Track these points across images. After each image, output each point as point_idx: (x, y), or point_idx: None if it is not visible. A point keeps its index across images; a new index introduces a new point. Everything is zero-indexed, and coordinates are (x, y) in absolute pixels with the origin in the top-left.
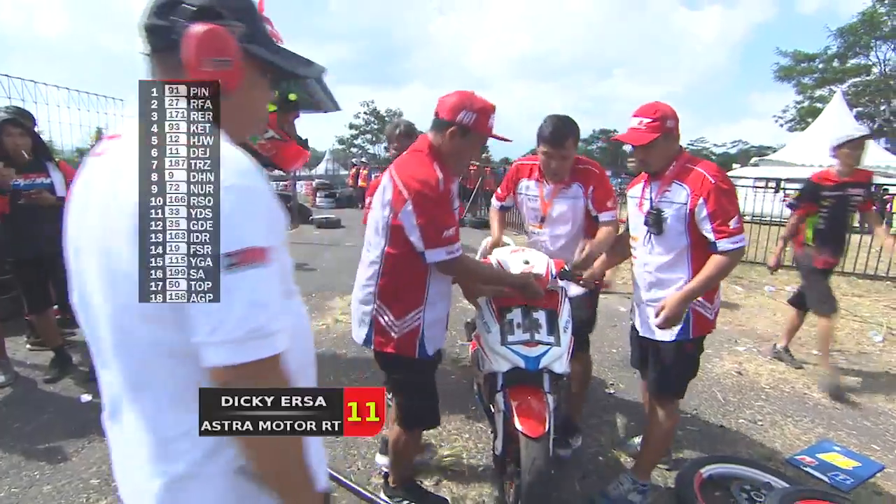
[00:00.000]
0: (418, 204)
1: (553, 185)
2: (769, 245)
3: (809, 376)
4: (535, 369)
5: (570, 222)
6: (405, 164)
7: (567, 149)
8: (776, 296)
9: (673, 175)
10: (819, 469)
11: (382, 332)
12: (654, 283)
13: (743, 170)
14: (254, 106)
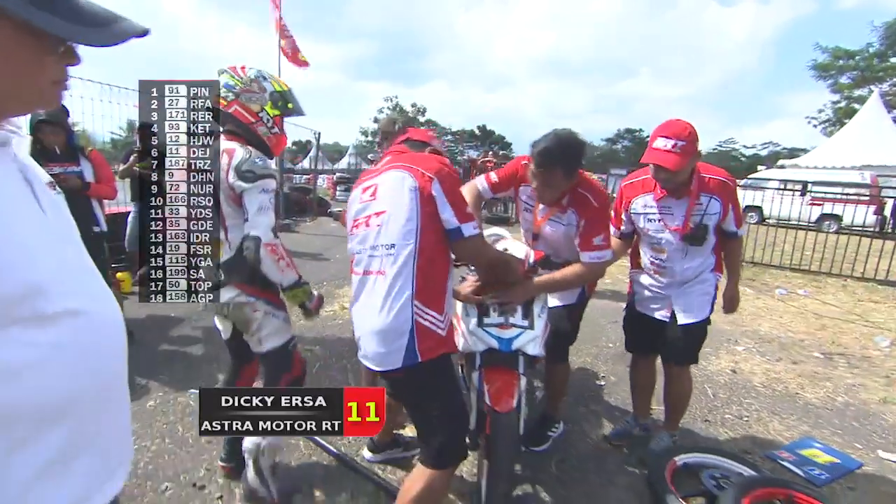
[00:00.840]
0: (445, 181)
1: (548, 206)
2: (792, 249)
3: (805, 377)
4: (509, 350)
5: (561, 249)
6: (409, 157)
7: (552, 177)
8: (787, 299)
9: (697, 188)
10: (796, 464)
11: (428, 335)
12: (690, 279)
13: (769, 172)
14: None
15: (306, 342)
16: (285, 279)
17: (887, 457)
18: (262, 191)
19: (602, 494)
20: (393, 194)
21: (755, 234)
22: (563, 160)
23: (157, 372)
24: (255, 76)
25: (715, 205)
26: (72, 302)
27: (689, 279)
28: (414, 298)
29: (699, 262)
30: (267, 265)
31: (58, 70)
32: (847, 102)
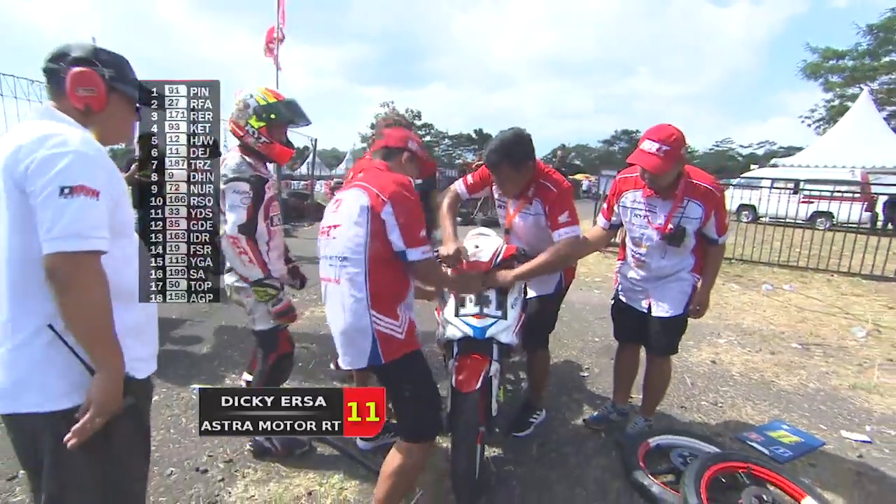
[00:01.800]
0: (397, 203)
1: (518, 199)
2: (781, 247)
3: (781, 366)
4: (482, 338)
5: (532, 239)
6: (374, 175)
7: (501, 172)
8: (772, 294)
9: (682, 192)
10: (763, 444)
11: (388, 339)
12: (668, 276)
13: (762, 171)
14: (118, 121)
15: (304, 340)
16: (249, 274)
17: (849, 436)
18: (234, 192)
19: (579, 474)
20: (349, 211)
21: (746, 231)
22: (508, 156)
23: (161, 370)
24: (244, 96)
25: (696, 209)
26: (134, 233)
27: (666, 276)
28: (370, 308)
29: (675, 262)
30: (228, 256)
31: (133, 122)
32: (840, 101)
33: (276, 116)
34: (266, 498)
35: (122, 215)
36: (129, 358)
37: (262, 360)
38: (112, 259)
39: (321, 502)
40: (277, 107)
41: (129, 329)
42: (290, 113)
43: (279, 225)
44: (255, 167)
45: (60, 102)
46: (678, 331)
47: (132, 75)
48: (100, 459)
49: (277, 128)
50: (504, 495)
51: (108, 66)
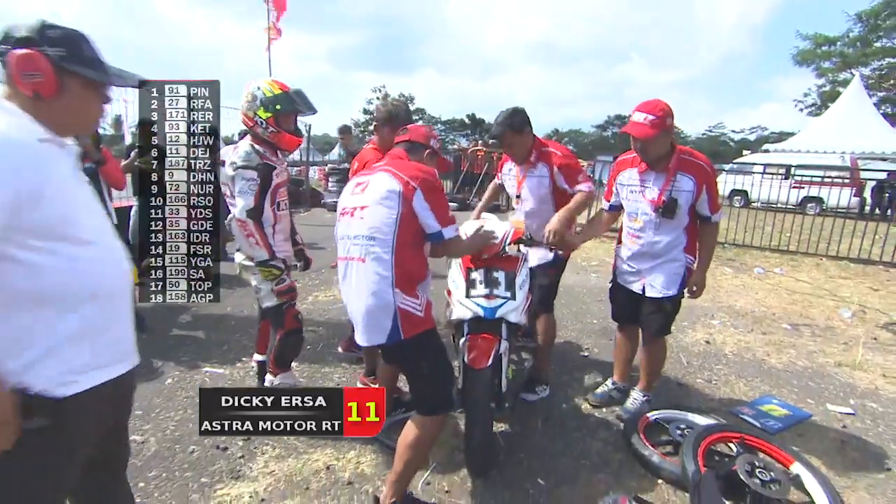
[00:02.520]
0: (428, 190)
1: (524, 166)
2: (773, 231)
3: (773, 346)
4: (492, 318)
5: (537, 197)
6: (400, 164)
7: (506, 138)
8: (763, 277)
9: (675, 167)
10: (754, 417)
11: (409, 317)
12: (661, 254)
13: (754, 156)
14: (77, 107)
15: (311, 323)
16: (255, 254)
17: (834, 409)
18: (242, 178)
19: (583, 447)
20: (378, 193)
21: (738, 216)
22: (510, 125)
23: (171, 355)
24: (252, 89)
25: (688, 183)
26: (90, 235)
27: (660, 254)
28: (394, 286)
29: (670, 238)
30: (238, 238)
31: (100, 106)
32: (832, 86)
33: (282, 107)
34: (286, 472)
35: (44, 214)
36: (60, 371)
37: (273, 337)
38: (28, 265)
39: (339, 475)
40: (283, 98)
41: (67, 338)
42: (295, 103)
43: (286, 210)
44: (264, 156)
45: (13, 89)
46: (671, 311)
47: (90, 53)
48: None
49: (284, 117)
50: (512, 467)
51: (56, 45)
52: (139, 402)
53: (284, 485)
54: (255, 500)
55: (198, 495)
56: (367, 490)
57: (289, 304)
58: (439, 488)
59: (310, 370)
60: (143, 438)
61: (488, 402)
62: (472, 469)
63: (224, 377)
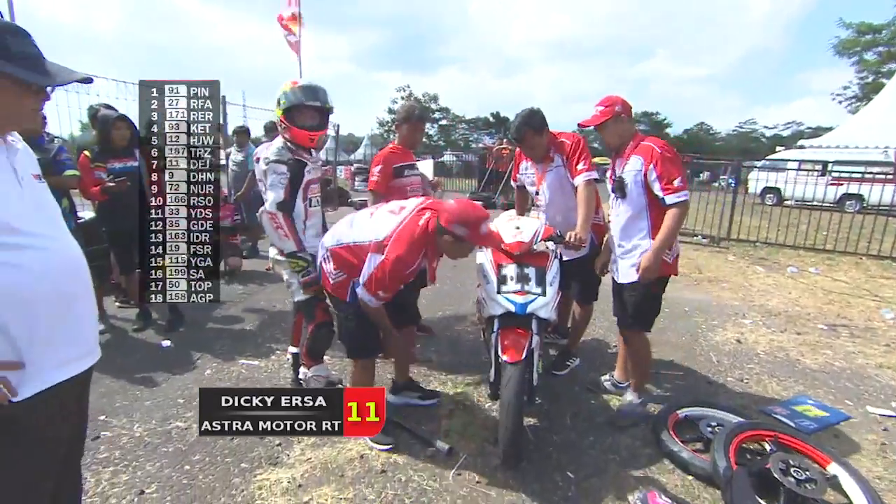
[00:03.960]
0: (382, 266)
1: (542, 163)
2: (808, 230)
3: (807, 346)
4: (524, 313)
5: (558, 189)
6: (405, 234)
7: (528, 139)
8: (797, 276)
9: (630, 150)
10: (788, 417)
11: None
12: (622, 237)
13: (788, 152)
14: (2, 106)
15: None
16: (284, 246)
17: (875, 411)
18: (273, 172)
19: (611, 441)
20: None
21: (770, 214)
22: (528, 125)
23: (209, 347)
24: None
25: (637, 162)
26: (34, 241)
27: (624, 238)
28: None
29: (628, 218)
30: (267, 230)
31: (35, 102)
32: (875, 77)
33: (286, 101)
34: (322, 460)
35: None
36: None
37: (305, 330)
38: None
39: (372, 464)
40: (288, 94)
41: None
42: (297, 96)
43: (317, 206)
44: (296, 152)
45: None
46: (638, 300)
47: (20, 48)
48: None
49: (297, 113)
50: (542, 460)
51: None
52: (180, 391)
53: (321, 472)
54: (293, 486)
55: (239, 479)
56: (399, 478)
57: (318, 297)
58: (470, 479)
59: (342, 363)
60: (186, 425)
61: (521, 396)
62: (505, 461)
63: (259, 369)
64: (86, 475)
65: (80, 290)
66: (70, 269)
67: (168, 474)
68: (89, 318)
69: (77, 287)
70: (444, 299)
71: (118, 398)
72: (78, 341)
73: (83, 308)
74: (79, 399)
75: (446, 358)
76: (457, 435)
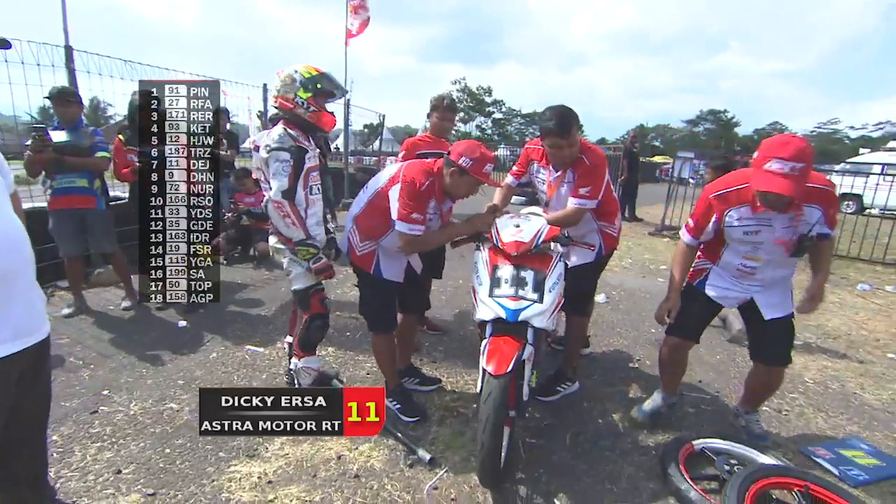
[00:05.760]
0: (402, 191)
1: (559, 171)
2: (889, 242)
3: (870, 377)
4: (515, 321)
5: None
6: (413, 165)
7: (573, 136)
8: (869, 295)
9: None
10: (832, 462)
11: (350, 247)
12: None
13: (874, 155)
14: None
15: (351, 310)
16: (292, 234)
17: None
18: (276, 160)
19: (612, 470)
20: (385, 173)
21: (844, 224)
22: (573, 119)
23: (221, 330)
24: (289, 73)
25: (813, 214)
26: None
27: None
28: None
29: (790, 270)
30: (274, 219)
31: None
32: None
33: (323, 86)
34: (298, 457)
35: None
36: None
37: (300, 320)
38: None
39: (348, 467)
40: (321, 78)
41: None
42: (331, 83)
43: (318, 194)
44: (297, 139)
45: None
46: (792, 334)
47: None
48: None
49: (322, 97)
50: (529, 483)
51: None
52: (182, 373)
53: (294, 469)
54: (262, 482)
55: (213, 468)
56: (371, 485)
57: (315, 288)
58: (445, 496)
59: (344, 357)
60: (179, 407)
61: (504, 411)
62: (483, 479)
63: (263, 356)
64: (74, 448)
65: (14, 271)
66: (3, 247)
67: (148, 456)
68: (24, 298)
69: (11, 265)
70: (464, 296)
71: (125, 374)
72: (6, 323)
73: (18, 287)
74: (20, 375)
75: (452, 360)
76: (443, 444)
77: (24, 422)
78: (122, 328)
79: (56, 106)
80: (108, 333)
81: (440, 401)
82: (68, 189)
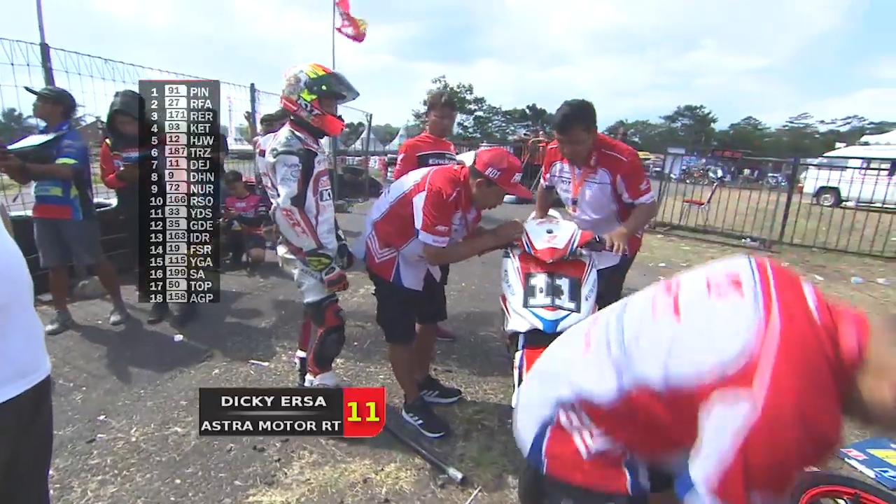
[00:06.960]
0: (427, 200)
1: (581, 169)
2: (875, 234)
3: None
4: (553, 332)
5: (598, 207)
6: (439, 173)
7: (574, 134)
8: (863, 288)
9: None
10: (867, 464)
11: (369, 253)
12: None
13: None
14: None
15: (360, 318)
16: (302, 244)
17: None
18: (284, 164)
19: None
20: (409, 178)
21: (832, 217)
22: (580, 115)
23: (221, 344)
24: (294, 72)
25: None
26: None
27: None
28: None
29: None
30: (283, 227)
31: None
32: None
33: (328, 88)
34: (321, 482)
35: None
36: None
37: (314, 334)
38: None
39: (376, 491)
40: (328, 79)
41: None
42: (339, 84)
43: (329, 200)
44: (305, 142)
45: None
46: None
47: None
48: None
49: (328, 100)
50: None
51: None
52: (183, 392)
53: (318, 496)
54: None
55: (229, 499)
56: None
57: (329, 300)
58: None
59: (355, 368)
60: (185, 431)
61: None
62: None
63: (269, 371)
64: (73, 483)
65: (15, 297)
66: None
67: (157, 489)
68: (23, 330)
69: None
70: (469, 300)
71: (122, 396)
72: (5, 357)
73: (17, 318)
74: (18, 418)
75: (467, 369)
76: (472, 461)
77: (24, 468)
78: (113, 344)
79: (41, 107)
80: (99, 351)
81: (462, 413)
82: (44, 198)
